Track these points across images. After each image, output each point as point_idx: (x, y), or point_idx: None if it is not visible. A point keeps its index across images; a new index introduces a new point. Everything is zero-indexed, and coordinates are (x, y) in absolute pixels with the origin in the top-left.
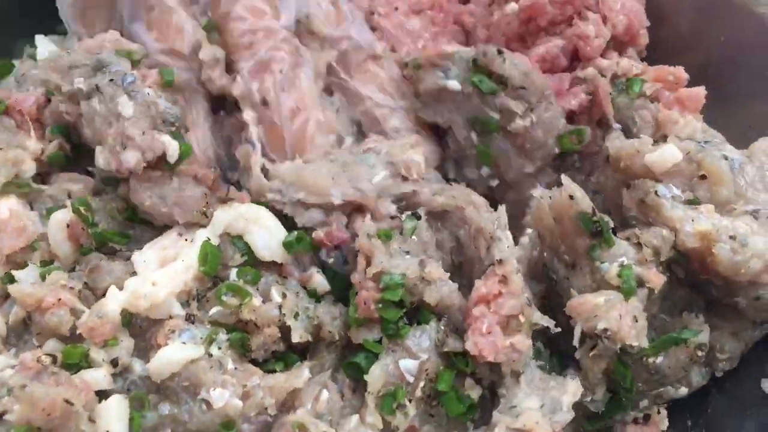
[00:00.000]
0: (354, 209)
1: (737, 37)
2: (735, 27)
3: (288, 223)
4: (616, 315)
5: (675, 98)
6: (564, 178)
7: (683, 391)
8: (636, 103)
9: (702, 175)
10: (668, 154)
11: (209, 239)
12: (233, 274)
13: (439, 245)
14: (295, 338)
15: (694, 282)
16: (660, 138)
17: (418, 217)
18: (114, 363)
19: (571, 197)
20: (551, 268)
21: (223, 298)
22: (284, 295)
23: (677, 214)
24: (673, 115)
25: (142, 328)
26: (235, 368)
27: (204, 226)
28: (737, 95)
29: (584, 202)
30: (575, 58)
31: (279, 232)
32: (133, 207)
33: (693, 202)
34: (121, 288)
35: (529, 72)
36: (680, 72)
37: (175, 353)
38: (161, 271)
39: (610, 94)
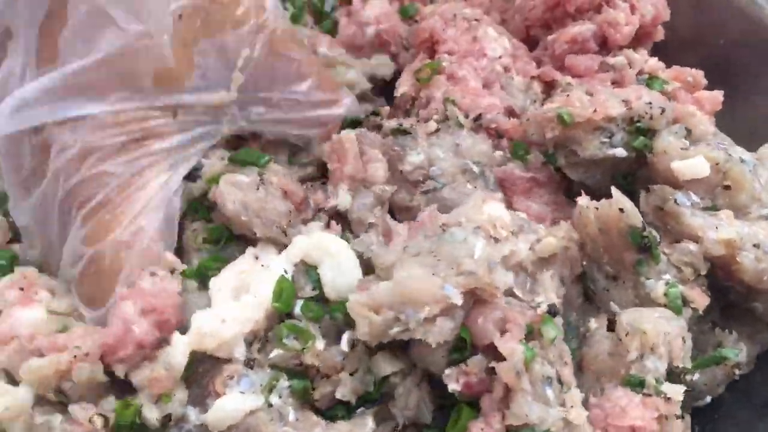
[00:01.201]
0: (471, 300)
1: (738, 39)
2: (736, 30)
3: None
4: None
5: (693, 99)
6: (614, 191)
7: (707, 399)
8: None
9: (727, 185)
10: (697, 168)
11: (286, 272)
12: (298, 306)
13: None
14: (339, 394)
15: (714, 286)
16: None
17: (555, 312)
18: (166, 419)
19: (621, 210)
20: (590, 278)
21: (284, 340)
22: (353, 345)
23: (698, 222)
24: (690, 108)
25: (200, 372)
26: (297, 419)
27: (282, 245)
28: (737, 98)
29: (634, 215)
30: (602, 47)
31: (351, 271)
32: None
33: (712, 209)
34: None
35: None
36: (699, 74)
37: (233, 404)
38: (232, 307)
39: None
